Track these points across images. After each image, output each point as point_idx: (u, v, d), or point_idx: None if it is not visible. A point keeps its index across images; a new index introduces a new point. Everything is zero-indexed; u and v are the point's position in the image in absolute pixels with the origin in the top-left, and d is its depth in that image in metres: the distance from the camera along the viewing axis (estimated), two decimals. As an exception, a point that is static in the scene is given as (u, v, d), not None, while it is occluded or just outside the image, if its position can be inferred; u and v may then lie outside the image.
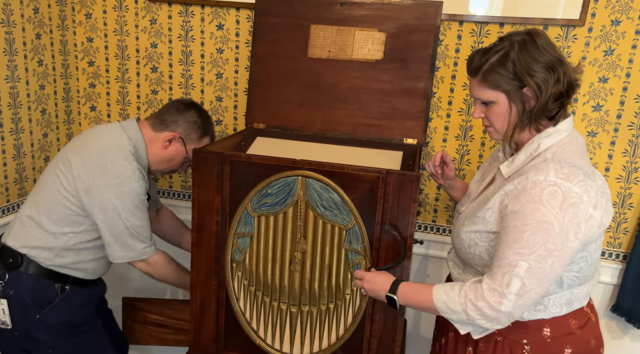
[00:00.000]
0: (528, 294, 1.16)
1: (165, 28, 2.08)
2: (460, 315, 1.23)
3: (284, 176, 1.48)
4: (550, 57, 1.22)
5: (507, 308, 1.16)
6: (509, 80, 1.23)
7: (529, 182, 1.19)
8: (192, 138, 1.73)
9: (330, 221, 1.49)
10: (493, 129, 1.33)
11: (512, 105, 1.26)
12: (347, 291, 1.52)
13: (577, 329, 1.31)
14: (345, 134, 1.88)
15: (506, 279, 1.16)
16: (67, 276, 1.67)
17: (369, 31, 1.87)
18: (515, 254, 1.17)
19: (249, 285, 1.59)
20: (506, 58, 1.23)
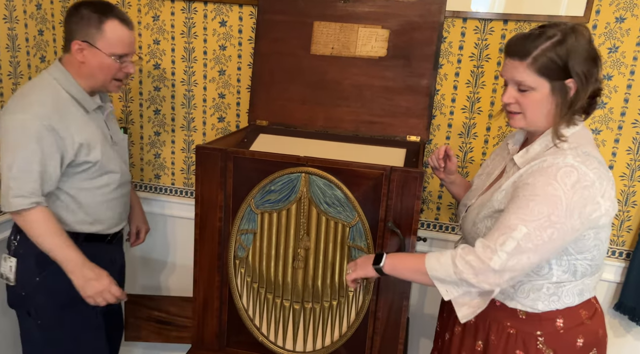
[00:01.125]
0: (520, 257, 1.16)
1: (168, 25, 2.08)
2: (448, 269, 1.20)
3: (287, 172, 1.48)
4: (594, 52, 1.22)
5: (495, 264, 1.15)
6: (558, 69, 1.20)
7: (546, 163, 1.21)
8: (93, 33, 1.55)
9: (333, 218, 1.49)
10: (522, 116, 1.28)
11: (553, 95, 1.23)
12: (350, 289, 1.52)
13: (587, 320, 1.32)
14: (348, 132, 1.88)
15: (501, 239, 1.17)
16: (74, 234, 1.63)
17: (373, 28, 1.86)
18: (517, 218, 1.17)
19: (252, 282, 1.59)
20: (561, 45, 1.19)
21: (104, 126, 1.70)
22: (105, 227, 1.72)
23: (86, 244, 1.66)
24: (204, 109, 2.13)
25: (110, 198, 1.70)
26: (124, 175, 1.76)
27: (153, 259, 2.33)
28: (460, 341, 1.43)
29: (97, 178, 1.65)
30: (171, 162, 2.22)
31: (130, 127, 2.22)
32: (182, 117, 2.16)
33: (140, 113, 2.20)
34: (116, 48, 1.58)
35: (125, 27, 1.60)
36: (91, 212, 1.67)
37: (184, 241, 2.26)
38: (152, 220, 2.28)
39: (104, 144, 1.65)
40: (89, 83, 1.62)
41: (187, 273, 2.26)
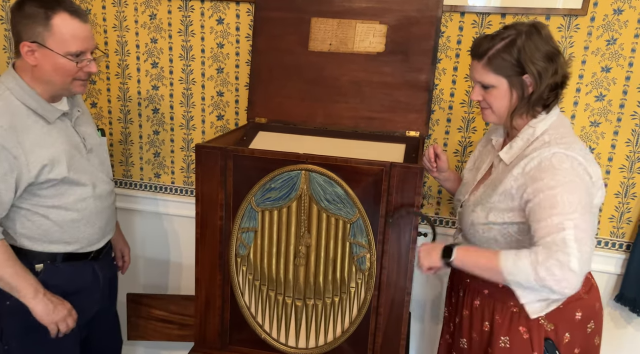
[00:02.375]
0: (584, 249, 1.19)
1: (165, 23, 2.07)
2: (528, 275, 1.21)
3: (287, 170, 1.48)
4: (551, 49, 1.32)
5: (575, 266, 1.17)
6: (512, 67, 1.31)
7: (535, 161, 1.29)
8: (41, 31, 1.38)
9: (334, 215, 1.49)
10: (490, 112, 1.40)
11: (513, 90, 1.34)
12: (352, 284, 1.53)
13: (584, 294, 1.40)
14: (347, 128, 1.88)
15: (560, 241, 1.19)
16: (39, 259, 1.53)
17: (370, 23, 1.86)
18: (557, 216, 1.21)
19: (254, 280, 1.59)
20: (512, 45, 1.30)
21: (73, 134, 1.55)
22: (84, 245, 1.59)
23: (65, 265, 1.57)
24: (203, 107, 2.13)
25: (87, 213, 1.56)
26: (103, 184, 1.62)
27: (154, 258, 2.33)
28: (469, 323, 1.49)
29: (69, 193, 1.51)
30: (170, 161, 2.22)
31: (129, 126, 2.22)
32: (180, 116, 2.16)
33: (139, 112, 2.20)
34: (70, 46, 1.40)
35: (77, 20, 1.41)
36: (67, 231, 1.54)
37: (185, 240, 2.26)
38: (153, 219, 2.28)
39: (72, 156, 1.51)
40: (47, 89, 1.45)
41: (188, 272, 2.27)
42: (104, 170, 1.67)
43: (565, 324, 1.37)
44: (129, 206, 2.26)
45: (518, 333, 1.38)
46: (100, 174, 1.63)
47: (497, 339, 1.41)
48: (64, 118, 1.54)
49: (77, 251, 1.60)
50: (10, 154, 1.40)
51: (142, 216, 2.29)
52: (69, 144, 1.52)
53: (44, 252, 1.55)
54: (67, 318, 1.55)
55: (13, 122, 1.41)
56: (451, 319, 1.60)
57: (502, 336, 1.40)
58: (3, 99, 1.43)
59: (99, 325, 1.78)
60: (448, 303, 1.64)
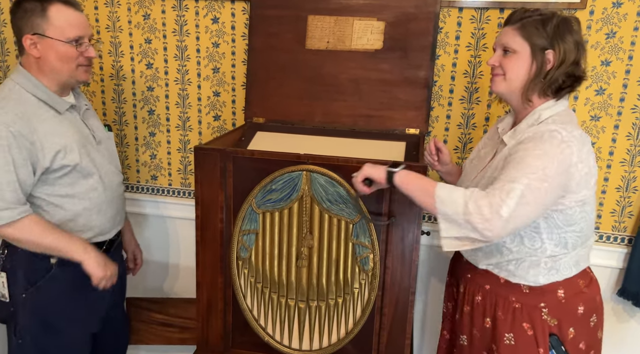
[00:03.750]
0: (524, 208, 1.19)
1: (159, 23, 2.04)
2: (457, 207, 1.21)
3: (288, 171, 1.46)
4: (581, 39, 1.35)
5: (505, 212, 1.18)
6: (541, 38, 1.32)
7: (532, 132, 1.31)
8: (39, 23, 1.47)
9: (336, 216, 1.47)
10: (502, 78, 1.38)
11: (533, 61, 1.34)
12: (355, 285, 1.51)
13: (585, 288, 1.41)
14: (347, 126, 1.86)
15: (506, 188, 1.20)
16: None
17: (368, 20, 1.84)
18: (517, 171, 1.23)
19: (256, 282, 1.57)
20: (548, 20, 1.33)
21: (82, 126, 1.60)
22: (97, 234, 1.63)
23: None
24: (199, 107, 2.10)
25: (98, 202, 1.61)
26: (112, 175, 1.67)
27: (153, 261, 2.31)
28: (470, 319, 1.48)
29: (81, 182, 1.56)
30: (167, 162, 2.19)
31: (124, 128, 2.19)
32: (177, 117, 2.13)
33: (134, 114, 2.17)
34: (68, 32, 1.48)
35: (72, 9, 1.51)
36: (79, 220, 1.58)
37: (184, 242, 2.24)
38: (150, 222, 2.26)
39: (83, 145, 1.56)
40: (54, 79, 1.52)
41: (188, 274, 2.25)
42: (112, 162, 1.71)
43: (569, 319, 1.37)
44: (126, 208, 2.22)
45: (522, 329, 1.38)
46: (109, 166, 1.67)
47: (501, 335, 1.41)
48: (73, 110, 1.60)
49: (91, 240, 1.63)
50: (27, 141, 1.45)
51: (140, 218, 2.26)
52: (79, 135, 1.57)
53: None
54: (113, 277, 1.60)
55: (26, 113, 1.47)
56: (451, 316, 1.59)
57: (507, 333, 1.39)
58: (15, 92, 1.50)
59: (108, 323, 1.79)
60: (448, 298, 1.63)
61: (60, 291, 1.58)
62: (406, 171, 1.33)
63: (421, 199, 1.29)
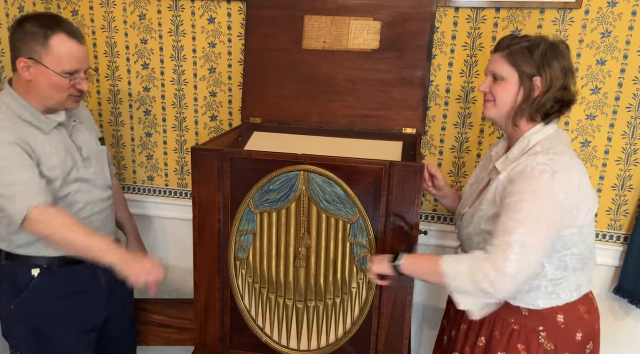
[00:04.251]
0: (528, 258, 1.20)
1: (155, 23, 2.03)
2: (466, 280, 1.23)
3: (285, 171, 1.46)
4: (568, 65, 1.35)
5: (511, 269, 1.19)
6: (528, 65, 1.33)
7: (520, 166, 1.31)
8: (38, 49, 1.43)
9: (334, 215, 1.47)
10: (492, 105, 1.40)
11: (521, 87, 1.35)
12: (353, 285, 1.51)
13: (585, 314, 1.39)
14: (343, 126, 1.86)
15: (505, 244, 1.21)
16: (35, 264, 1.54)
17: (364, 20, 1.84)
18: (511, 221, 1.23)
19: (254, 282, 1.57)
20: (535, 47, 1.34)
21: (69, 144, 1.56)
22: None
23: (62, 269, 1.56)
24: (196, 108, 2.10)
25: (79, 218, 1.55)
26: (97, 191, 1.63)
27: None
28: (464, 337, 1.48)
29: (61, 199, 1.52)
30: (164, 163, 2.18)
31: (120, 128, 2.19)
32: (173, 117, 2.12)
33: (130, 114, 2.16)
34: (65, 65, 1.45)
35: (75, 42, 1.47)
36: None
37: (181, 243, 2.23)
38: (147, 222, 2.25)
39: (66, 163, 1.53)
40: (42, 102, 1.49)
41: (185, 275, 2.24)
42: (100, 178, 1.66)
43: (566, 345, 1.36)
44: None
45: (515, 350, 1.37)
46: (96, 182, 1.63)
47: None
48: (60, 128, 1.56)
49: (73, 256, 1.56)
50: (29, 146, 1.46)
51: (137, 219, 2.24)
52: (64, 152, 1.54)
53: (39, 257, 1.55)
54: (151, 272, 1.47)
55: (15, 131, 1.46)
56: (448, 331, 1.59)
57: (500, 352, 1.39)
58: (2, 112, 1.47)
59: (110, 331, 1.76)
60: (446, 315, 1.63)
61: (46, 298, 1.55)
62: (409, 260, 1.34)
63: (431, 279, 1.32)
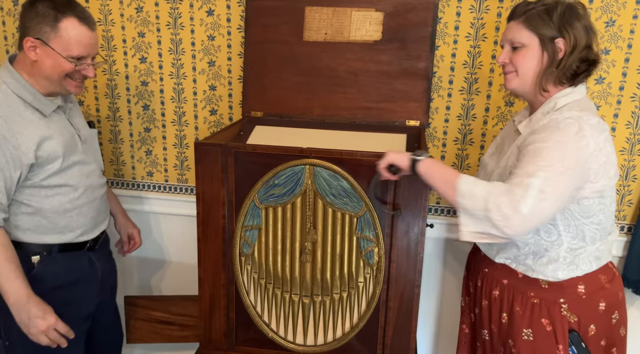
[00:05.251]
0: (543, 204, 1.17)
1: (153, 16, 2.00)
2: (477, 203, 1.19)
3: (290, 165, 1.44)
4: (589, 23, 1.31)
5: (525, 208, 1.15)
6: (548, 27, 1.29)
7: (546, 120, 1.28)
8: (48, 31, 1.41)
9: (340, 210, 1.45)
10: (514, 75, 1.35)
11: (544, 52, 1.31)
12: (360, 279, 1.50)
13: (607, 284, 1.37)
14: (346, 119, 1.84)
15: (524, 184, 1.17)
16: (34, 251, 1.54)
17: (366, 11, 1.81)
18: (534, 165, 1.20)
19: (259, 278, 1.55)
20: (553, 9, 1.30)
21: (69, 126, 1.57)
22: (77, 235, 1.60)
23: (61, 255, 1.57)
24: (195, 102, 2.06)
25: (79, 204, 1.57)
26: (95, 176, 1.64)
27: (150, 259, 2.28)
28: (488, 314, 1.46)
29: (62, 185, 1.52)
30: (163, 158, 2.15)
31: (118, 124, 2.15)
32: (172, 112, 2.09)
33: (129, 109, 2.13)
34: (73, 49, 1.44)
35: (85, 27, 1.45)
36: (58, 221, 1.54)
37: (182, 239, 2.20)
38: (147, 219, 2.23)
39: (69, 147, 1.53)
40: (44, 84, 1.48)
41: (186, 271, 2.22)
42: (96, 161, 1.68)
43: (589, 315, 1.34)
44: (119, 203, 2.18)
45: (540, 325, 1.35)
46: (92, 166, 1.64)
47: (518, 331, 1.38)
48: (59, 111, 1.56)
49: (72, 241, 1.60)
50: (10, 144, 1.42)
51: (136, 216, 2.21)
52: (65, 136, 1.55)
53: (39, 244, 1.55)
54: (49, 331, 1.47)
55: (11, 113, 1.43)
56: (470, 310, 1.58)
57: (525, 329, 1.37)
58: (1, 91, 1.45)
59: (100, 319, 1.76)
60: (465, 292, 1.61)
61: (38, 291, 1.52)
62: (430, 160, 1.31)
63: (443, 189, 1.28)
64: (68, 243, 1.58)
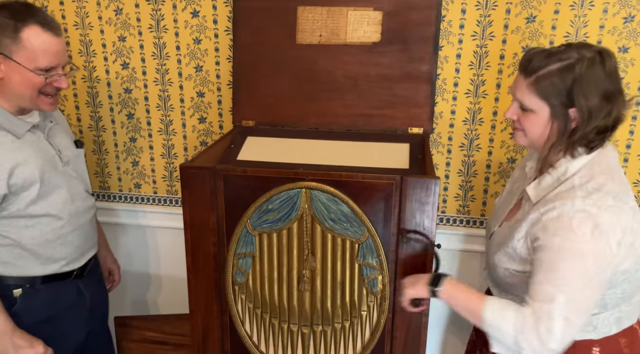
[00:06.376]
0: (570, 329, 1.10)
1: (133, 18, 1.85)
2: (508, 337, 1.12)
3: (285, 189, 1.32)
4: (611, 87, 1.12)
5: (554, 345, 1.09)
6: (560, 95, 1.12)
7: (555, 213, 1.13)
8: (9, 44, 1.28)
9: (340, 235, 1.34)
10: (522, 134, 1.23)
11: (554, 121, 1.16)
12: (363, 308, 1.39)
13: (625, 348, 1.25)
14: (344, 127, 1.72)
15: (547, 314, 1.09)
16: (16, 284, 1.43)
17: (363, 10, 1.67)
18: (552, 286, 1.10)
19: (255, 307, 1.44)
20: (568, 71, 1.11)
21: (47, 146, 1.43)
22: (62, 265, 1.48)
23: (45, 287, 1.46)
24: (182, 110, 1.93)
25: (63, 233, 1.45)
26: (80, 200, 1.50)
27: (140, 273, 2.17)
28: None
29: (42, 215, 1.40)
30: (151, 169, 2.03)
31: (102, 134, 2.02)
32: (158, 120, 1.96)
33: (112, 118, 1.99)
34: (40, 60, 1.30)
35: (50, 33, 1.31)
36: (41, 253, 1.43)
37: (173, 253, 2.09)
38: (137, 232, 2.11)
39: (47, 170, 1.40)
40: (14, 103, 1.35)
41: (179, 286, 2.11)
42: (82, 184, 1.55)
43: None
44: (108, 219, 2.07)
45: None
46: (78, 189, 1.51)
47: None
48: (36, 130, 1.43)
49: (57, 272, 1.49)
50: None
51: (124, 229, 2.11)
52: (42, 159, 1.41)
53: (20, 277, 1.44)
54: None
55: None
56: (476, 348, 1.48)
57: None
58: None
59: (90, 346, 1.67)
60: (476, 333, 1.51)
61: (23, 326, 1.43)
62: (449, 286, 1.21)
63: (467, 317, 1.20)
64: (52, 274, 1.47)
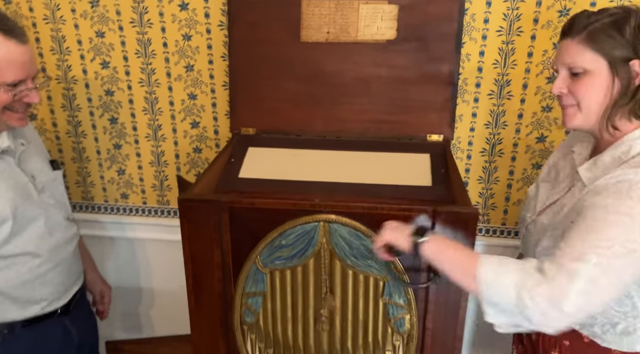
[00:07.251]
0: (593, 298, 0.94)
1: (112, 11, 1.62)
2: (508, 298, 0.96)
3: (300, 223, 1.16)
4: None
5: (568, 308, 0.92)
6: (619, 46, 1.00)
7: (614, 179, 0.99)
8: None
9: (363, 272, 1.19)
10: (576, 110, 1.07)
11: (615, 79, 1.02)
12: (387, 348, 1.26)
13: None
14: (354, 135, 1.56)
15: (570, 271, 0.93)
16: None
17: (377, 4, 1.48)
18: (586, 244, 0.95)
19: (266, 348, 1.30)
20: (624, 21, 1.00)
21: (19, 174, 1.26)
22: (44, 306, 1.32)
23: (27, 331, 1.30)
24: (172, 113, 1.73)
25: (41, 272, 1.29)
26: (60, 231, 1.34)
27: (130, 289, 2.01)
28: None
29: (17, 255, 1.25)
30: (139, 178, 1.84)
31: (82, 140, 1.81)
32: (145, 125, 1.76)
33: (93, 123, 1.78)
34: (6, 74, 1.13)
35: (13, 41, 1.13)
36: (18, 296, 1.27)
37: (165, 266, 1.93)
38: (125, 246, 1.94)
39: (20, 203, 1.23)
40: None
41: (172, 302, 1.96)
42: (61, 211, 1.37)
43: None
44: (93, 232, 1.89)
45: None
46: (57, 218, 1.35)
47: None
48: (5, 156, 1.24)
49: (38, 314, 1.33)
50: None
51: (112, 243, 1.94)
52: (14, 191, 1.23)
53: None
54: None
55: None
56: None
57: None
58: None
59: None
60: (517, 342, 1.36)
61: None
62: (437, 240, 1.04)
63: (458, 278, 1.02)
64: (33, 317, 1.31)
